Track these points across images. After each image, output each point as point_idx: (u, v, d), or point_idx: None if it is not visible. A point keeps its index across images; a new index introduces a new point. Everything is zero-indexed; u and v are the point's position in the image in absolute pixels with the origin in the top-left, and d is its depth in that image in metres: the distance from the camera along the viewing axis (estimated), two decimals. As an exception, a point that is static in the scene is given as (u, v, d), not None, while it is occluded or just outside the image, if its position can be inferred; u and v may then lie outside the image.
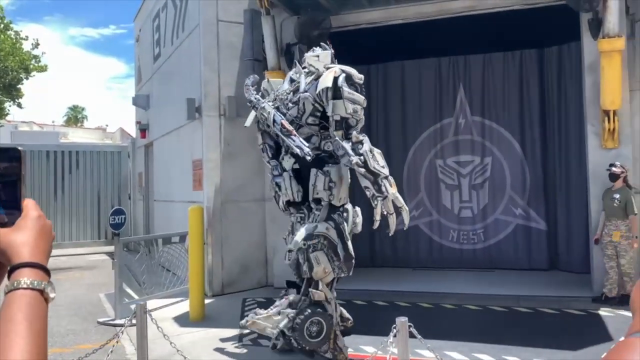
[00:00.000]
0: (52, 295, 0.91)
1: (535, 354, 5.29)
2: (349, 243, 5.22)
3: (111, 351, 3.68)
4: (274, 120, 5.34)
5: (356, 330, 5.93)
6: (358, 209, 5.51)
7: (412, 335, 3.32)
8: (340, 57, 10.57)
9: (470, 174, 10.16)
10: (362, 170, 4.93)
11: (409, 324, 3.30)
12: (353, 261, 5.26)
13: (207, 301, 7.62)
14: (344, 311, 5.53)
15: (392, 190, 4.95)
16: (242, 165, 8.98)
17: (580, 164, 8.73)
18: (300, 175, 5.61)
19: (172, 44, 10.97)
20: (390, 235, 5.22)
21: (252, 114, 5.79)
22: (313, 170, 5.36)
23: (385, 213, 4.89)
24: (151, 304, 7.76)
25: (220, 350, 5.86)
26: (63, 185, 15.24)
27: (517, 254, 9.79)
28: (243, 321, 5.36)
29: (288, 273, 8.81)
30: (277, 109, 5.53)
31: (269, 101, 5.61)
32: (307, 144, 5.22)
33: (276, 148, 5.86)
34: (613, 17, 7.01)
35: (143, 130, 13.33)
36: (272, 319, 5.06)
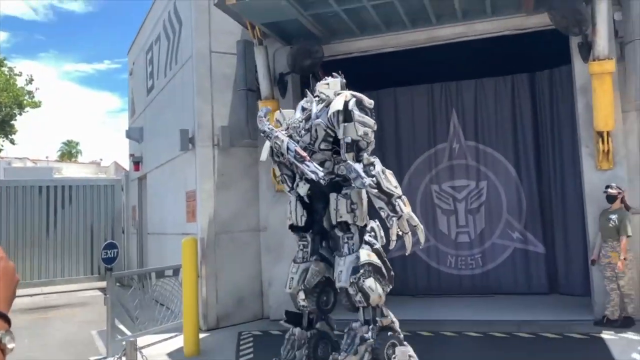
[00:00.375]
0: (10, 345, 0.82)
1: (540, 382, 5.14)
2: (386, 259, 5.34)
3: (100, 391, 3.54)
4: (288, 148, 5.39)
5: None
6: (377, 222, 5.49)
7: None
8: (332, 85, 10.49)
9: (466, 199, 10.11)
10: (375, 191, 5.01)
11: (410, 354, 3.19)
12: (392, 273, 5.38)
13: (201, 335, 7.44)
14: None
15: (406, 209, 5.03)
16: (235, 195, 8.91)
17: (575, 185, 8.70)
18: (311, 201, 5.64)
19: (165, 76, 11.01)
20: (407, 254, 5.32)
21: (267, 145, 5.81)
22: (333, 195, 5.44)
23: (400, 233, 4.94)
24: (145, 339, 7.57)
25: (216, 386, 5.68)
26: (56, 220, 15.08)
27: (516, 278, 9.67)
28: None
29: (285, 304, 8.65)
30: (290, 137, 5.58)
31: (282, 130, 5.62)
32: (321, 169, 5.26)
33: (294, 177, 5.87)
34: (602, 40, 7.09)
35: (137, 163, 13.27)
36: (354, 358, 5.02)
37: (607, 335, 6.62)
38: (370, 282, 5.11)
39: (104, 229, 15.47)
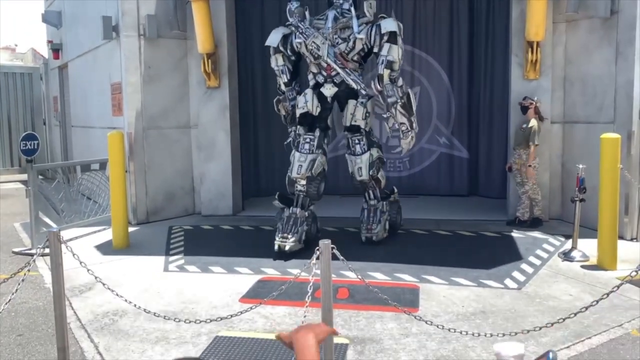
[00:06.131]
0: None
1: (452, 273, 5.60)
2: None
3: (22, 279, 3.51)
4: (328, 52, 6.29)
5: (287, 255, 6.14)
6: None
7: (335, 257, 3.38)
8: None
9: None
10: (402, 109, 6.36)
11: (332, 245, 3.34)
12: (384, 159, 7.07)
13: (131, 229, 7.44)
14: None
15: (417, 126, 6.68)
16: (164, 90, 8.55)
17: (503, 94, 8.98)
18: (321, 102, 6.57)
19: (84, -47, 9.97)
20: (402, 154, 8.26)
21: (280, 32, 6.63)
22: (352, 102, 6.49)
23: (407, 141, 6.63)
24: (72, 232, 7.50)
25: (144, 277, 5.78)
26: (-32, 109, 14.03)
27: (440, 180, 10.16)
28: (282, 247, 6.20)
29: (215, 200, 8.72)
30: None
31: (310, 30, 6.38)
32: (360, 79, 6.42)
33: (294, 72, 6.78)
34: (542, -53, 7.02)
35: (56, 50, 12.30)
36: (380, 226, 6.77)
37: (516, 234, 7.20)
38: (381, 172, 6.83)
39: (23, 119, 14.60)
